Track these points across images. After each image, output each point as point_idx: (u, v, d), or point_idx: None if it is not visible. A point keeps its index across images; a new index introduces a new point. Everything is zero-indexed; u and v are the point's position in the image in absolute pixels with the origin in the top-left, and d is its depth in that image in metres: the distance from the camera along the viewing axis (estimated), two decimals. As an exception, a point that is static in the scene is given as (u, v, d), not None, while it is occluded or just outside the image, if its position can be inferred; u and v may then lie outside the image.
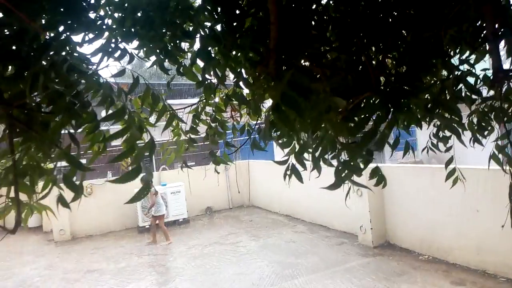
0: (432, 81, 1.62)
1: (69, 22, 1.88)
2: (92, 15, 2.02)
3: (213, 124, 2.17)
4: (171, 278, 6.92)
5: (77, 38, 2.00)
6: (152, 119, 2.12)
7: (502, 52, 1.43)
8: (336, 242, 8.00)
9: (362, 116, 1.27)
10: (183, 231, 10.30)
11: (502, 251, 5.37)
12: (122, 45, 1.88)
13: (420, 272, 6.01)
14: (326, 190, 1.68)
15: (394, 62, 1.64)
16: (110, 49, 1.80)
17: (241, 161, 13.24)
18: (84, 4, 1.96)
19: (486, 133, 1.62)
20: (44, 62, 1.43)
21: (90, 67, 1.59)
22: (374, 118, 1.32)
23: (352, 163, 1.40)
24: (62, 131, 1.29)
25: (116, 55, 1.65)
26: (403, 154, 1.65)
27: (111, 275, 7.35)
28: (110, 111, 1.35)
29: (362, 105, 1.39)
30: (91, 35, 1.98)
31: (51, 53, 1.56)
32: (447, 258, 6.27)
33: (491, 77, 1.45)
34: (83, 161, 1.76)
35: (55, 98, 1.18)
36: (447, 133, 1.67)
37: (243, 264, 7.22)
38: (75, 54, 1.43)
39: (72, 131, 1.22)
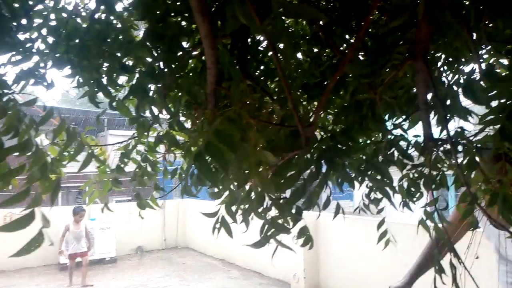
0: (367, 142, 1.63)
1: (-8, 40, 1.72)
2: (21, 36, 1.87)
3: (143, 164, 2.03)
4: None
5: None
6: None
7: (433, 121, 1.47)
8: (269, 291, 7.81)
9: (292, 173, 1.22)
10: (108, 271, 9.59)
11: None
12: (46, 71, 1.74)
13: (349, 326, 5.97)
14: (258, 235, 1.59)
15: (331, 120, 1.64)
16: (34, 73, 1.66)
17: (178, 199, 12.85)
18: (15, 23, 1.82)
19: (415, 198, 1.64)
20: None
21: (6, 91, 1.43)
22: (304, 176, 1.27)
23: (281, 221, 1.33)
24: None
25: (34, 81, 1.51)
26: (333, 216, 1.62)
27: (19, 318, 6.57)
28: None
29: (293, 161, 1.34)
30: (18, 57, 1.82)
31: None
32: (376, 313, 6.31)
33: (422, 145, 1.47)
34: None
35: None
36: (379, 195, 1.67)
37: (169, 311, 6.79)
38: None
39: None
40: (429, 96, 1.40)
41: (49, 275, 9.29)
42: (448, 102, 1.45)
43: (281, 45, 1.24)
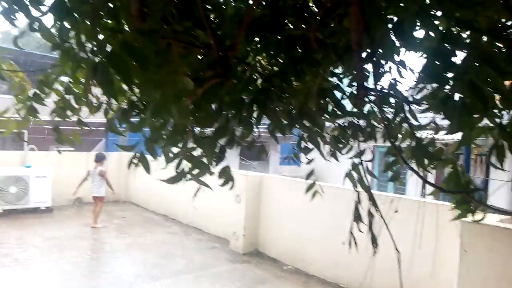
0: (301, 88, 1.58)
1: None
2: None
3: (67, 96, 1.87)
4: (19, 270, 6.08)
5: None
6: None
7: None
8: (207, 246, 7.92)
9: (215, 109, 1.15)
10: (43, 221, 9.25)
11: (355, 267, 5.81)
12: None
13: (282, 281, 6.21)
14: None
15: (267, 62, 1.57)
16: None
17: (120, 152, 12.46)
18: None
19: (345, 150, 1.64)
20: None
21: None
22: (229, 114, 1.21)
23: (204, 159, 1.27)
24: None
25: None
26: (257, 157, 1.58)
27: None
28: None
29: (224, 99, 1.27)
30: None
31: None
32: (308, 270, 6.60)
33: (355, 94, 1.45)
34: None
35: None
36: (310, 145, 1.64)
37: (102, 262, 6.70)
38: None
39: None
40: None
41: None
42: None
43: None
